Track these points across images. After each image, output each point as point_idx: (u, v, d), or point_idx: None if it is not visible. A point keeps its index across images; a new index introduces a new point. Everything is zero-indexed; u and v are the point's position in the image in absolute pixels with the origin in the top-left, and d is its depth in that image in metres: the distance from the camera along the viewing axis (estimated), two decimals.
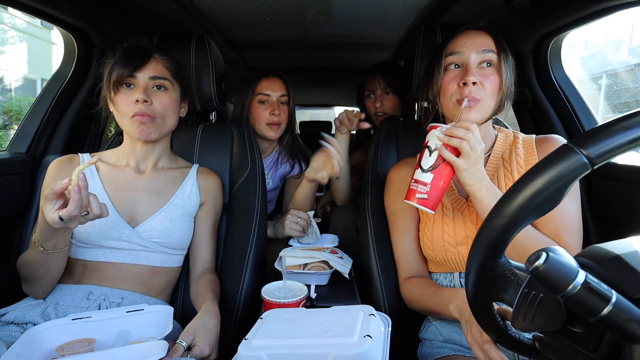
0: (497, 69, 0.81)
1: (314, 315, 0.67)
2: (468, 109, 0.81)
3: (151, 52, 0.92)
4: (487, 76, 0.81)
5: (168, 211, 0.94)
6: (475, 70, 0.81)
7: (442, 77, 0.86)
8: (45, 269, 0.80)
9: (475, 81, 0.79)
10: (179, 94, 0.98)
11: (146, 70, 0.90)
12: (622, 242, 0.39)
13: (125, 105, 0.89)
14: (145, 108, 0.88)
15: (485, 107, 0.82)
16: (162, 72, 0.92)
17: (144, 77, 0.89)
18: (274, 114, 1.35)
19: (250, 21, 1.36)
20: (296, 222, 1.21)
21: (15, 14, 9.08)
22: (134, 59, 0.89)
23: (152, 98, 0.89)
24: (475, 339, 0.62)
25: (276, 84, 1.38)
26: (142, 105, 0.88)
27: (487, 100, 0.81)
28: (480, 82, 0.80)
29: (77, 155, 0.96)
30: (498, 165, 0.87)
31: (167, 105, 0.92)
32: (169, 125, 0.95)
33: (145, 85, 0.89)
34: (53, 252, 0.77)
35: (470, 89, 0.79)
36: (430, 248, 0.89)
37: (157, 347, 0.66)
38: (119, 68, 0.88)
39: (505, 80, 0.80)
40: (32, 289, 0.85)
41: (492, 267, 0.43)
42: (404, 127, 1.17)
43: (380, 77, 1.50)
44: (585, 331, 0.39)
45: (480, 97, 0.80)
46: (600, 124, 0.36)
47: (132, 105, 0.88)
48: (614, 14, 0.99)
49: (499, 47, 0.82)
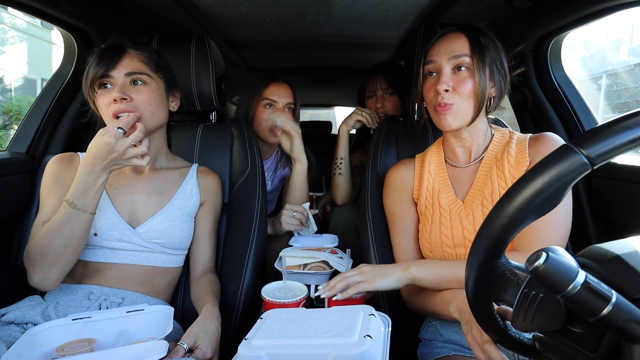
0: (472, 72, 0.82)
1: (314, 315, 0.67)
2: (443, 115, 0.83)
3: (124, 47, 0.88)
4: (461, 80, 0.82)
5: (168, 211, 0.94)
6: (448, 77, 0.83)
7: (423, 84, 0.89)
8: (68, 239, 0.78)
9: (447, 88, 0.82)
10: (163, 87, 0.93)
11: (121, 67, 0.86)
12: (622, 242, 0.39)
13: (105, 107, 0.86)
14: (126, 105, 0.84)
15: (461, 111, 0.83)
16: (139, 66, 0.88)
17: (119, 75, 0.85)
18: None
19: (250, 21, 1.36)
20: (292, 216, 1.22)
21: (15, 14, 9.08)
22: (107, 57, 0.85)
23: (131, 94, 0.85)
24: (476, 339, 0.62)
25: (284, 91, 1.38)
26: (121, 104, 0.84)
27: (461, 104, 0.82)
28: (454, 88, 0.82)
29: (76, 155, 0.96)
30: (491, 165, 0.87)
31: (149, 99, 0.88)
32: (156, 118, 0.91)
33: (122, 82, 0.85)
34: (81, 213, 0.77)
35: (443, 95, 0.82)
36: (429, 249, 0.89)
37: (157, 347, 0.66)
38: (93, 69, 0.85)
39: (479, 82, 0.81)
40: (46, 274, 0.79)
41: (492, 267, 0.43)
42: (404, 127, 1.17)
43: (382, 77, 1.49)
44: (585, 331, 0.39)
45: (452, 102, 0.82)
46: (600, 124, 0.36)
47: (112, 104, 0.84)
48: (614, 14, 0.99)
49: (474, 49, 0.82)
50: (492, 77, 0.83)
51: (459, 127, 0.85)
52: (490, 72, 0.83)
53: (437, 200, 0.91)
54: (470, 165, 0.90)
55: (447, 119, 0.83)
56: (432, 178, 0.93)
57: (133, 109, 0.85)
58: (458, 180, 0.91)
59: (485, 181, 0.85)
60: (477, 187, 0.86)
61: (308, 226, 1.28)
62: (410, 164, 0.99)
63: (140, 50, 0.90)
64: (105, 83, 0.86)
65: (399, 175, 0.98)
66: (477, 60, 0.81)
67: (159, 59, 0.94)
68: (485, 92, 0.82)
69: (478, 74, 0.81)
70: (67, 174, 0.90)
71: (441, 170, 0.93)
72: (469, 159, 0.91)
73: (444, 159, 0.94)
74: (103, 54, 0.86)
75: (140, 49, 0.90)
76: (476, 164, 0.89)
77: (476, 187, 0.87)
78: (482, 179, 0.86)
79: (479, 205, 0.84)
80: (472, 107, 0.83)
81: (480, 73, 0.81)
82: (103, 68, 0.84)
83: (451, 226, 0.86)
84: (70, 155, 0.95)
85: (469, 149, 0.90)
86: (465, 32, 0.84)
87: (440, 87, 0.82)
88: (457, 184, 0.91)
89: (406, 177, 0.97)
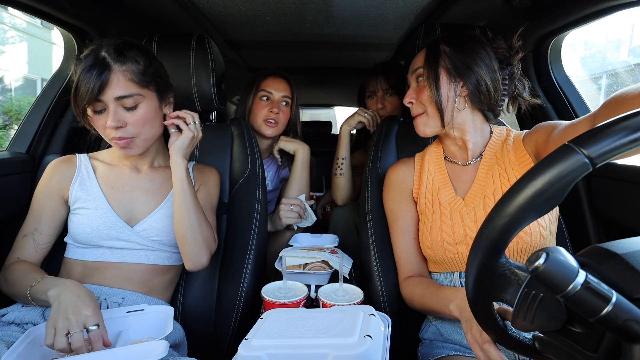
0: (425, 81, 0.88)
1: (314, 315, 0.67)
2: (417, 125, 0.92)
3: (109, 66, 0.80)
4: (420, 91, 0.90)
5: (166, 209, 0.94)
6: (412, 91, 0.93)
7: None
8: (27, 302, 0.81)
9: (411, 101, 0.92)
10: (155, 99, 0.88)
11: (109, 90, 0.80)
12: (622, 242, 0.39)
13: (102, 129, 0.84)
14: (122, 132, 0.82)
15: (431, 117, 0.89)
16: (127, 87, 0.81)
17: (109, 99, 0.80)
18: (272, 111, 1.35)
19: (250, 21, 1.36)
20: (290, 209, 1.26)
21: (15, 14, 9.08)
22: (93, 79, 0.78)
23: (125, 119, 0.83)
24: (475, 339, 0.62)
25: (280, 84, 1.39)
26: (116, 132, 0.82)
27: (429, 110, 0.89)
28: (416, 98, 0.91)
29: (74, 156, 0.96)
30: (492, 163, 0.88)
31: (142, 122, 0.85)
32: (151, 135, 0.89)
33: (114, 109, 0.81)
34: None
35: (410, 107, 0.93)
36: (430, 247, 0.89)
37: (157, 347, 0.66)
38: (82, 94, 0.79)
39: (431, 89, 0.86)
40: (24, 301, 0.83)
41: (492, 266, 0.43)
42: (404, 127, 1.17)
43: (382, 78, 1.50)
44: (585, 331, 0.39)
45: (421, 110, 0.90)
46: (600, 124, 0.36)
47: (108, 129, 0.82)
48: (614, 14, 0.99)
49: (427, 59, 0.88)
50: (452, 79, 0.85)
51: (433, 132, 0.90)
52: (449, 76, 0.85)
53: (437, 198, 0.91)
54: (471, 163, 0.91)
55: (419, 127, 0.92)
56: (431, 177, 0.94)
57: (129, 135, 0.84)
58: (458, 178, 0.91)
59: (487, 179, 0.86)
60: (479, 185, 0.87)
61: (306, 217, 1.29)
62: (409, 163, 1.00)
63: (127, 64, 0.82)
64: (98, 109, 0.82)
65: (399, 174, 0.98)
66: (427, 69, 0.87)
67: (148, 68, 0.86)
68: (441, 97, 0.85)
69: (428, 82, 0.87)
70: (63, 178, 0.91)
71: (440, 168, 0.93)
72: (467, 156, 0.91)
73: (443, 157, 0.95)
74: (89, 74, 0.79)
75: (126, 63, 0.82)
76: (477, 162, 0.90)
77: (477, 185, 0.87)
78: (484, 176, 0.87)
79: (480, 202, 0.85)
80: (434, 111, 0.87)
81: (432, 80, 0.86)
82: (92, 93, 0.79)
83: (452, 224, 0.87)
84: (68, 158, 0.95)
85: (464, 147, 0.91)
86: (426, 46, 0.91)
87: (405, 100, 0.93)
88: (457, 181, 0.91)
89: (406, 176, 0.98)
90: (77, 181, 0.91)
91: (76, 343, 0.67)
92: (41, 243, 0.89)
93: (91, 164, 0.95)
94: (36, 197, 0.91)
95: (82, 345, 0.67)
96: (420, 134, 0.92)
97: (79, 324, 0.68)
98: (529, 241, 0.78)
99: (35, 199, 0.91)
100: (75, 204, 0.90)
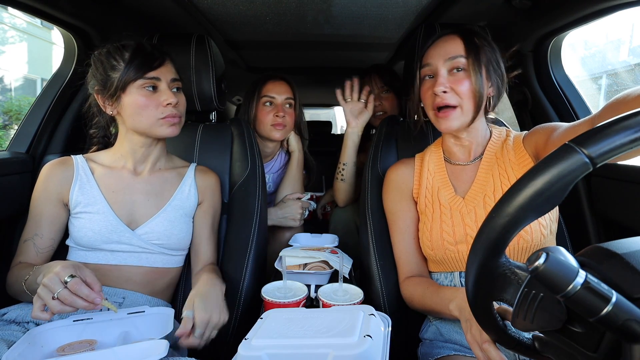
0: (468, 73, 0.83)
1: (314, 315, 0.67)
2: (445, 119, 0.84)
3: (166, 53, 0.93)
4: (458, 81, 0.82)
5: (167, 213, 0.94)
6: (444, 79, 0.83)
7: (420, 87, 0.90)
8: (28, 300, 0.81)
9: (445, 90, 0.82)
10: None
11: (167, 72, 0.91)
12: (622, 242, 0.39)
13: (153, 108, 0.88)
14: (175, 109, 0.91)
15: (465, 112, 0.84)
16: (175, 73, 0.94)
17: (166, 79, 0.90)
18: (278, 115, 1.35)
19: (250, 21, 1.36)
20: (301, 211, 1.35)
21: (15, 14, 9.07)
22: (154, 60, 0.89)
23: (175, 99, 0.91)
24: (475, 338, 0.62)
25: (281, 87, 1.39)
26: (173, 108, 0.90)
27: (465, 104, 0.83)
28: (453, 89, 0.82)
29: (70, 158, 0.94)
30: (492, 163, 0.88)
31: (185, 103, 0.96)
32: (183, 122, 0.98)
33: (169, 87, 0.91)
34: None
35: (442, 97, 0.83)
36: (430, 247, 0.89)
37: (157, 346, 0.66)
38: (140, 70, 0.87)
39: (476, 82, 0.81)
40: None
41: (492, 266, 0.43)
42: (404, 127, 1.17)
43: (377, 77, 1.52)
44: (585, 331, 0.39)
45: (455, 103, 0.83)
46: (601, 124, 0.36)
47: (161, 108, 0.89)
48: (614, 13, 0.99)
49: (469, 50, 0.82)
50: (488, 77, 0.84)
51: (458, 128, 0.85)
52: (487, 72, 0.83)
53: (436, 198, 0.91)
54: (471, 163, 0.91)
55: (450, 122, 0.84)
56: (431, 177, 0.94)
57: (180, 113, 0.93)
58: (458, 178, 0.91)
59: (487, 179, 0.86)
60: (479, 184, 0.87)
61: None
62: (409, 163, 1.00)
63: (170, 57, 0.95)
64: (154, 86, 0.89)
65: (399, 174, 0.98)
66: (472, 60, 0.82)
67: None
68: (483, 92, 0.83)
69: (474, 74, 0.82)
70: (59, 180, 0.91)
71: (440, 168, 0.94)
72: (468, 157, 0.91)
73: (443, 157, 0.95)
74: (149, 57, 0.88)
75: (170, 56, 0.95)
76: (477, 162, 0.90)
77: (477, 184, 0.87)
78: (484, 176, 0.87)
79: (480, 202, 0.85)
80: (471, 107, 0.83)
81: (477, 73, 0.82)
82: (153, 71, 0.88)
83: (452, 223, 0.87)
84: (64, 160, 0.94)
85: (468, 148, 0.91)
86: (460, 33, 0.85)
87: (438, 89, 0.82)
88: (457, 181, 0.91)
89: (406, 177, 0.98)
90: (76, 185, 0.91)
91: (66, 299, 0.67)
92: (42, 247, 0.88)
93: (89, 166, 0.94)
94: (34, 202, 0.90)
95: (73, 299, 0.67)
96: (443, 129, 0.86)
97: (55, 283, 0.67)
98: (529, 240, 0.78)
99: (33, 204, 0.90)
100: (76, 207, 0.90)
